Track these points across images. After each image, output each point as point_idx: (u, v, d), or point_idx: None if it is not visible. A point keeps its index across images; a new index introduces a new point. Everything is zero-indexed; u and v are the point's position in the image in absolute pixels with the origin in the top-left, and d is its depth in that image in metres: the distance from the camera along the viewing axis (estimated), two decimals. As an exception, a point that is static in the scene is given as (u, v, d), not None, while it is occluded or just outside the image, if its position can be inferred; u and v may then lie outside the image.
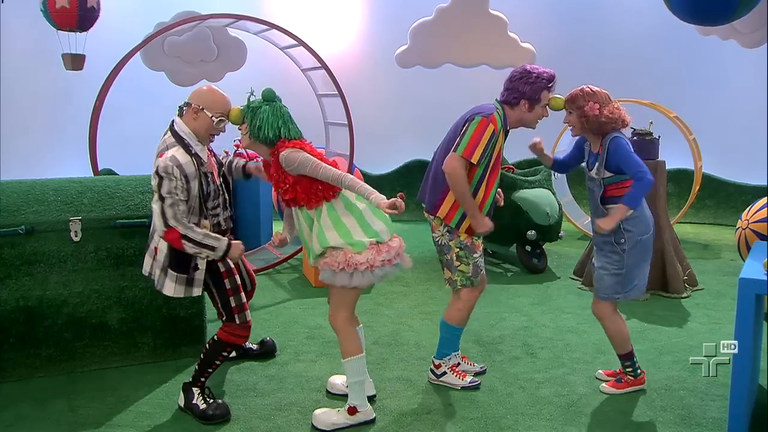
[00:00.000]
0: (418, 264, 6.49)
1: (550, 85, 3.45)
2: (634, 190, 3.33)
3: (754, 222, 5.75)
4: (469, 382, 3.68)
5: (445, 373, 3.71)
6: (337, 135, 7.07)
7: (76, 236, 3.73)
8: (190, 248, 3.09)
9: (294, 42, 6.25)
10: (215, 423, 3.25)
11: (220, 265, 3.32)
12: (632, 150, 3.39)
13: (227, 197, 3.45)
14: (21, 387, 3.63)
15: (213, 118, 3.20)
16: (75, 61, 6.60)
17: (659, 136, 5.90)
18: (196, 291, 3.25)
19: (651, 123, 5.97)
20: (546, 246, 6.47)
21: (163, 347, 3.95)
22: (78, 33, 6.51)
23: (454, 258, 3.56)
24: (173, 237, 3.06)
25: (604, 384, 3.68)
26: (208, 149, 3.35)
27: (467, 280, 3.58)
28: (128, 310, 3.86)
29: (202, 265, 3.23)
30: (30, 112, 7.67)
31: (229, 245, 3.18)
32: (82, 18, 6.30)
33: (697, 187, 7.57)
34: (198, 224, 3.19)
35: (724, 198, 8.59)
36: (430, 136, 7.27)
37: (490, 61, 7.58)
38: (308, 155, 3.06)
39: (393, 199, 2.93)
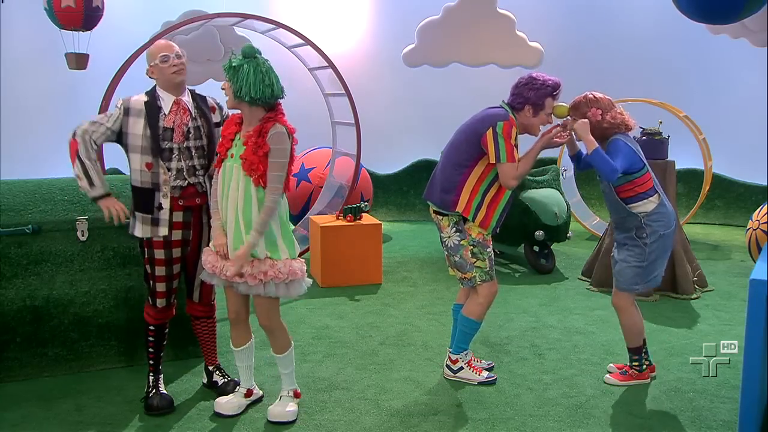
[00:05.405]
0: (426, 265, 6.47)
1: (554, 93, 3.52)
2: (601, 160, 3.35)
3: (765, 222, 5.70)
4: (486, 377, 3.71)
5: (461, 368, 3.72)
6: (344, 134, 7.06)
7: (82, 236, 3.74)
8: (76, 168, 3.22)
9: (301, 41, 6.24)
10: (154, 414, 3.33)
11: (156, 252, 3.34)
12: (627, 150, 3.43)
13: (194, 166, 3.32)
14: (27, 386, 3.63)
15: (156, 62, 3.28)
16: (79, 61, 6.59)
17: (668, 136, 5.86)
18: (162, 230, 3.28)
19: (660, 122, 5.93)
20: (554, 246, 6.43)
21: (170, 347, 3.91)
22: (82, 32, 6.51)
23: (469, 256, 3.58)
24: (72, 149, 3.24)
25: (607, 375, 3.74)
26: (184, 107, 3.31)
27: (486, 274, 3.60)
28: (135, 310, 3.85)
29: (165, 204, 3.27)
30: (36, 112, 7.68)
31: (102, 196, 3.25)
32: (87, 17, 6.29)
33: (707, 188, 7.52)
34: (154, 167, 3.24)
35: (734, 198, 8.53)
36: (437, 135, 7.25)
37: (498, 61, 7.54)
38: (290, 152, 3.09)
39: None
